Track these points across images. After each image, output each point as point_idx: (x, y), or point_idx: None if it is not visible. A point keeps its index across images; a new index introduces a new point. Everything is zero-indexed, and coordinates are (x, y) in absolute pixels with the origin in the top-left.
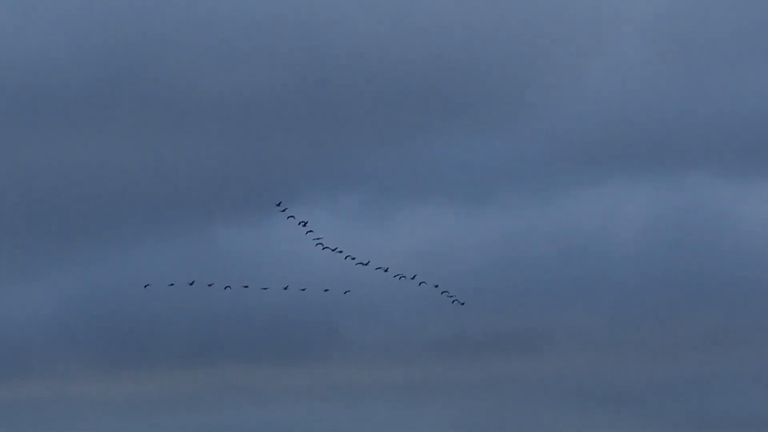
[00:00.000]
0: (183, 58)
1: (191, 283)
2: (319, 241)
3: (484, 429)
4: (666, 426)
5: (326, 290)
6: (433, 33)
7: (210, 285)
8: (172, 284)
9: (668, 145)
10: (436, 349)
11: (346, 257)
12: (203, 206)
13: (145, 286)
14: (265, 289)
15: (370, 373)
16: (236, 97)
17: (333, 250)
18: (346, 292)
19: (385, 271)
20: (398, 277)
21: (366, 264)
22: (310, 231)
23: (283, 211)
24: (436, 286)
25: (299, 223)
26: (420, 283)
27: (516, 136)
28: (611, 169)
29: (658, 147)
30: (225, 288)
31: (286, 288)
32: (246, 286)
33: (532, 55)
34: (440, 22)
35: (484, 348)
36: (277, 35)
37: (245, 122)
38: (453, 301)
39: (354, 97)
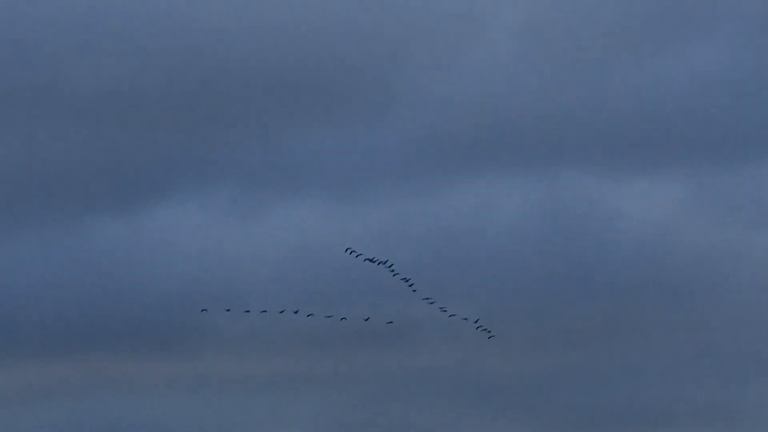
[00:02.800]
0: (53, 52)
1: (203, 310)
2: (359, 254)
3: (354, 422)
4: (539, 420)
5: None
6: (306, 28)
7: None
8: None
9: (540, 141)
10: (308, 342)
11: (390, 267)
12: (74, 198)
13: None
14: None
15: (241, 365)
16: (108, 92)
17: (373, 261)
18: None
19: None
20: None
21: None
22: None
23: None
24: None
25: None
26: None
27: (388, 130)
28: (484, 164)
29: (531, 143)
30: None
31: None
32: (228, 310)
33: (404, 49)
34: (312, 17)
35: (355, 341)
36: (149, 31)
37: (116, 116)
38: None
39: (225, 92)
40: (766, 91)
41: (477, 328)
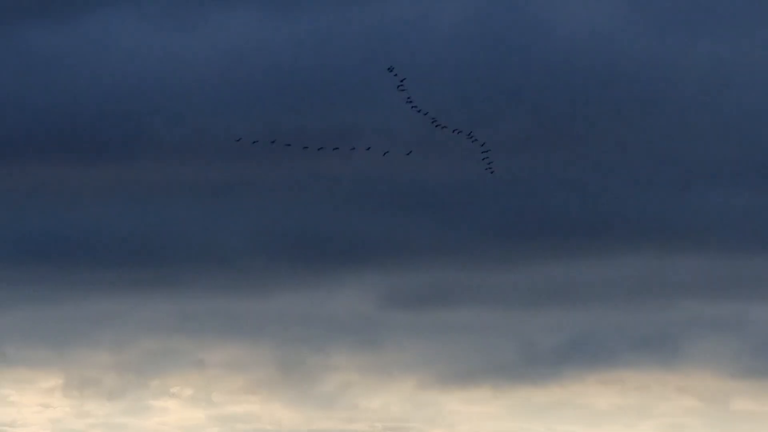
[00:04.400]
0: None
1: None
2: (413, 104)
3: (292, 229)
4: (475, 226)
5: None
6: None
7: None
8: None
9: None
10: (244, 149)
11: (433, 121)
12: (11, 6)
13: None
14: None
15: (177, 171)
16: None
17: (423, 113)
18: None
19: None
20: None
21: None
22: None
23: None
24: (470, 136)
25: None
26: (470, 138)
27: None
28: None
29: None
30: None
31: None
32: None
33: None
34: None
35: (292, 148)
36: None
37: None
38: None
39: None
40: None
41: (471, 140)
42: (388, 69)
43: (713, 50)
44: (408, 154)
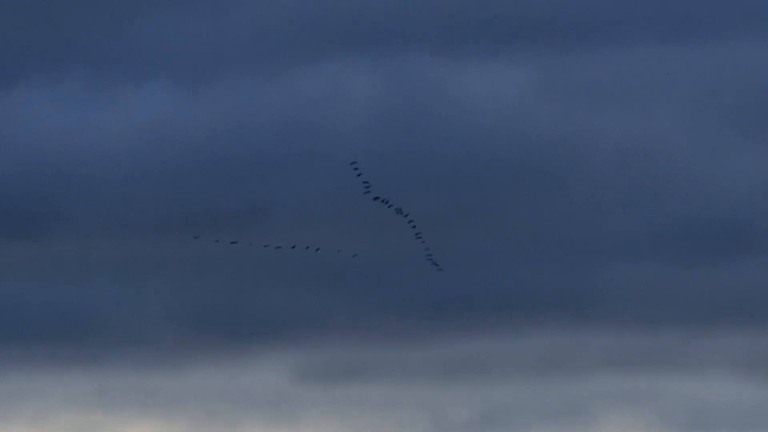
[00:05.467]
0: None
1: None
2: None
3: (208, 305)
4: (389, 301)
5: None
6: None
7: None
8: None
9: (387, 27)
10: (159, 227)
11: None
12: None
13: None
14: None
15: (93, 249)
16: None
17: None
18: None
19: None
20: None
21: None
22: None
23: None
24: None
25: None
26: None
27: (235, 14)
28: (332, 47)
29: (378, 28)
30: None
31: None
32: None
33: None
34: None
35: (203, 225)
36: None
37: None
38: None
39: None
40: None
41: (427, 257)
42: (351, 163)
43: (623, 126)
44: (346, 253)
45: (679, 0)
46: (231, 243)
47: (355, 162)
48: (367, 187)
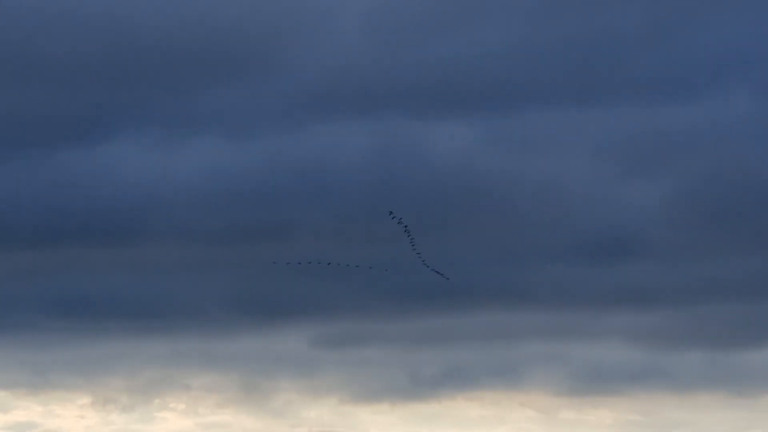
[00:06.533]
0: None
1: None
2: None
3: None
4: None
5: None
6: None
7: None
8: None
9: (378, 96)
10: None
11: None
12: (49, 132)
13: None
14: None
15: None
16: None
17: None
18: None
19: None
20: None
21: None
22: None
23: (393, 217)
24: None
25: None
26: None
27: (271, 83)
28: (333, 114)
29: (369, 96)
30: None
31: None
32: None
33: (282, 15)
34: None
35: (239, 238)
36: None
37: (70, 74)
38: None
39: (147, 55)
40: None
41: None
42: (389, 212)
43: (544, 168)
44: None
45: (584, 74)
46: (272, 263)
47: (392, 212)
48: (404, 226)
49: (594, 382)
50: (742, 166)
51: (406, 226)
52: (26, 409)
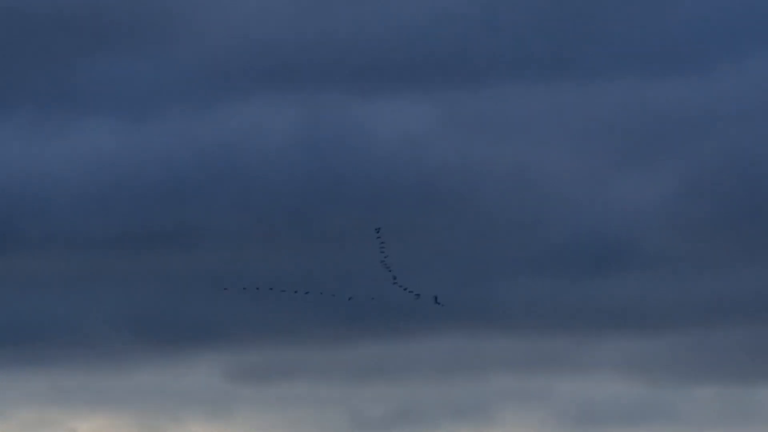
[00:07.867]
0: None
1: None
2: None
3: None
4: (310, 310)
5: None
6: None
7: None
8: None
9: (303, 65)
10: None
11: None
12: None
13: None
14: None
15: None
16: None
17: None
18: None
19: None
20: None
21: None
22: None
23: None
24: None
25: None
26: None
27: (169, 58)
28: (254, 87)
29: (293, 69)
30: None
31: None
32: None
33: None
34: None
35: (139, 242)
36: None
37: None
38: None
39: (19, 25)
40: (505, 22)
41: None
42: (376, 230)
43: (517, 155)
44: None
45: (565, 45)
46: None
47: (379, 229)
48: (384, 253)
49: (581, 423)
50: (766, 154)
51: (383, 243)
52: None
